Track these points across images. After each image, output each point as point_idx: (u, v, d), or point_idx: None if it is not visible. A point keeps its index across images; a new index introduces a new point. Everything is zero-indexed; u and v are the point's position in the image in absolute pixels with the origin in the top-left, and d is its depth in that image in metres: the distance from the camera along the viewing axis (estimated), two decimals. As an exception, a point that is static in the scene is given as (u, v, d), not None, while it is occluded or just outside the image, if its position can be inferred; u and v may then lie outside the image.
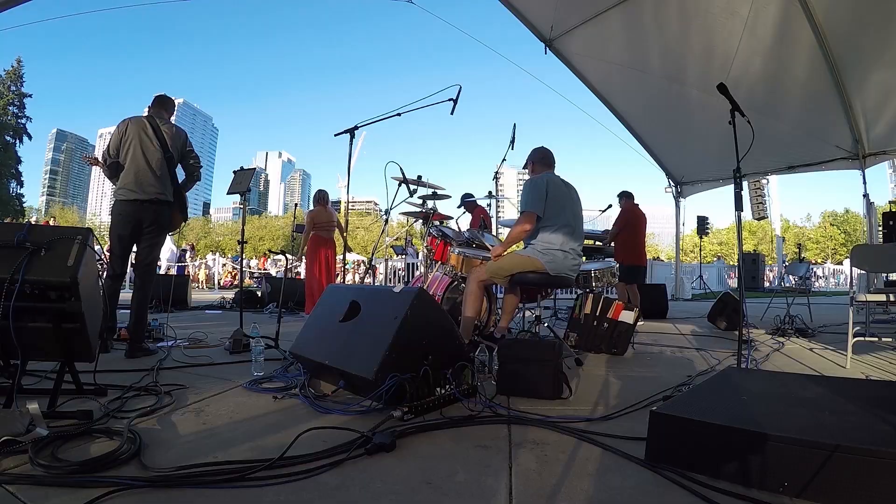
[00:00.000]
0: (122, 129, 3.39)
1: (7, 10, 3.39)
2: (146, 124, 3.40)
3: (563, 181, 3.38)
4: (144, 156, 3.34)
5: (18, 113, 38.25)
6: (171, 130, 3.49)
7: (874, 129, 6.59)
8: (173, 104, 3.70)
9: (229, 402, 2.19)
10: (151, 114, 3.51)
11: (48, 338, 1.89)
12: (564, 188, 3.34)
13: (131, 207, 3.31)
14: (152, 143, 3.38)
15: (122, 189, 3.33)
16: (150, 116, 3.47)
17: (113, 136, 3.42)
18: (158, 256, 3.62)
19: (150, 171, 3.34)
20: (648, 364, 3.33)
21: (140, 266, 3.43)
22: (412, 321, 2.14)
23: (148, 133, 3.38)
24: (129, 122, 3.41)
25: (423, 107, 3.48)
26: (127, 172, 3.33)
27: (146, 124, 3.40)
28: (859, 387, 2.11)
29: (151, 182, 3.34)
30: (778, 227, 26.21)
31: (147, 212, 3.34)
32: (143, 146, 3.35)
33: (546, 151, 3.52)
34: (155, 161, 3.37)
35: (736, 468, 1.38)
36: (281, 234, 53.11)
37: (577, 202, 3.37)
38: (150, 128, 3.40)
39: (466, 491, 1.36)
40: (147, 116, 3.48)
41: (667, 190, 10.00)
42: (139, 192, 3.31)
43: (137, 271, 3.44)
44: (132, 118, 3.44)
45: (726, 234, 53.31)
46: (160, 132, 3.41)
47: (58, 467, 1.39)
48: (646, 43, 6.26)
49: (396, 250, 12.43)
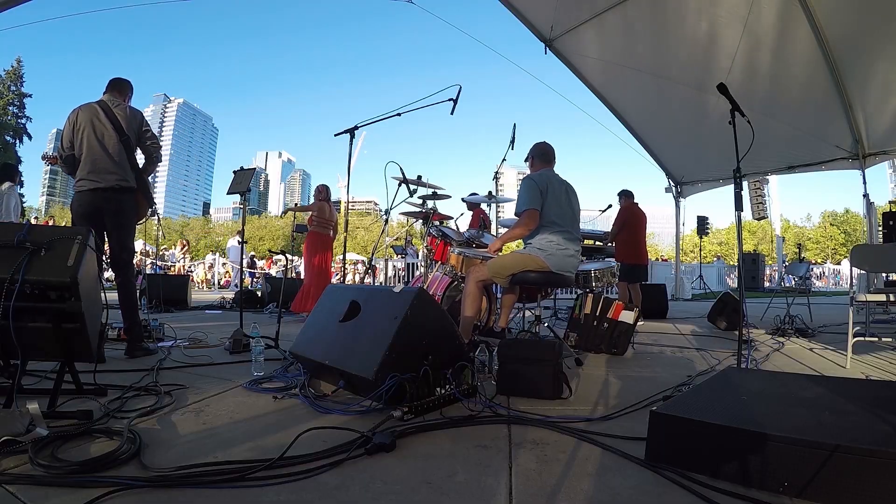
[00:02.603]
0: (72, 119, 3.20)
1: (7, 10, 3.40)
2: (97, 110, 3.20)
3: (560, 179, 3.37)
4: (100, 142, 3.16)
5: (18, 113, 38.20)
6: (125, 112, 3.28)
7: (874, 129, 6.59)
8: (130, 86, 3.45)
9: (229, 402, 2.19)
10: (104, 98, 3.29)
11: (48, 338, 1.89)
12: (562, 186, 3.33)
13: (90, 197, 3.14)
14: (106, 127, 3.18)
15: (81, 181, 3.15)
16: (101, 101, 3.26)
17: (65, 129, 3.21)
18: (133, 248, 3.43)
19: (108, 156, 3.16)
20: (648, 364, 3.33)
21: (116, 261, 3.26)
22: (412, 321, 2.14)
23: (100, 118, 3.18)
24: (79, 110, 3.22)
25: (423, 107, 3.49)
26: (84, 163, 3.16)
27: (97, 110, 3.20)
28: (859, 387, 2.11)
29: (110, 168, 3.16)
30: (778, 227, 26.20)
31: (108, 201, 3.15)
32: (97, 132, 3.17)
33: (546, 147, 3.50)
34: (111, 146, 3.17)
35: (736, 468, 1.38)
36: (281, 234, 53.09)
37: (574, 201, 3.37)
38: (102, 112, 3.20)
39: (466, 491, 1.36)
40: (98, 102, 3.27)
41: (667, 190, 10.01)
42: (98, 180, 3.14)
43: (115, 268, 3.29)
44: (82, 106, 3.24)
45: (726, 234, 53.32)
46: (113, 115, 3.20)
47: (58, 467, 1.39)
48: (646, 43, 6.26)
49: (396, 250, 12.43)
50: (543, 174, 3.33)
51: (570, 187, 3.40)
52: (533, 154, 3.50)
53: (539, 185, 3.21)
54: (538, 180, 3.25)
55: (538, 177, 3.30)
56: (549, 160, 3.47)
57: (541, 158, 3.47)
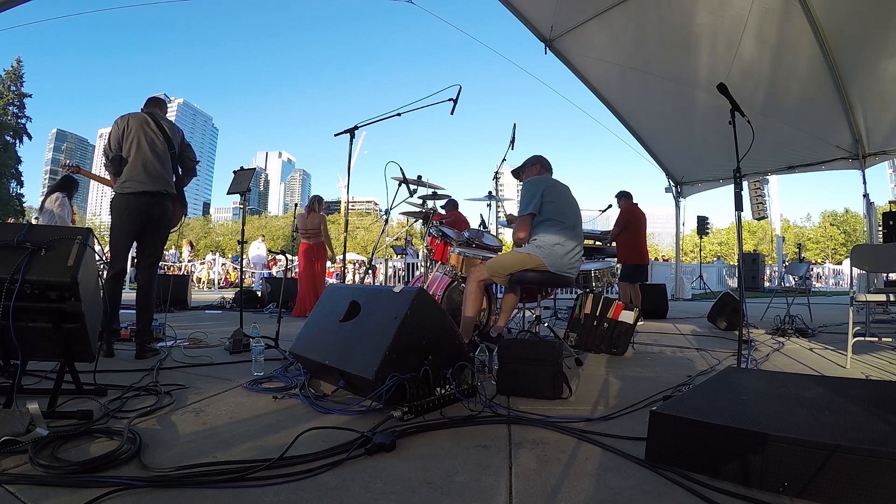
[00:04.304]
0: (122, 125, 3.33)
1: (7, 10, 3.40)
2: (147, 119, 3.38)
3: (561, 183, 3.40)
4: (151, 148, 3.31)
5: (18, 113, 38.21)
6: (171, 125, 3.49)
7: (874, 128, 6.59)
8: (166, 105, 3.72)
9: (229, 402, 2.19)
10: (152, 111, 3.48)
11: (48, 338, 1.89)
12: (564, 188, 3.36)
13: (139, 200, 3.24)
14: (156, 136, 3.36)
15: (130, 181, 3.24)
16: (149, 112, 3.45)
17: (112, 132, 3.35)
18: (162, 253, 3.59)
19: (158, 162, 3.33)
20: (648, 364, 3.33)
21: (145, 264, 3.36)
22: (412, 321, 2.14)
23: (151, 127, 3.36)
24: (129, 117, 3.37)
25: (423, 107, 3.50)
26: (134, 164, 3.26)
27: (147, 119, 3.38)
28: (859, 387, 2.10)
29: (160, 173, 3.33)
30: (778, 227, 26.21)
31: (156, 205, 3.31)
32: (148, 139, 3.33)
33: (544, 158, 3.58)
34: (160, 153, 3.35)
35: (736, 468, 1.38)
36: (281, 234, 53.14)
37: (575, 203, 3.39)
38: (152, 122, 3.38)
39: (466, 491, 1.36)
40: (146, 111, 3.45)
41: (667, 190, 10.01)
42: (149, 182, 3.27)
43: (142, 270, 3.36)
44: (131, 114, 3.40)
45: (726, 234, 53.34)
46: (162, 126, 3.40)
47: (58, 467, 1.39)
48: (646, 43, 6.26)
49: (396, 250, 12.42)
50: (544, 177, 3.36)
51: (569, 189, 3.42)
52: (538, 162, 3.54)
53: (540, 186, 3.24)
54: (539, 181, 3.29)
55: (540, 178, 3.34)
56: (549, 169, 3.55)
57: (544, 166, 3.53)
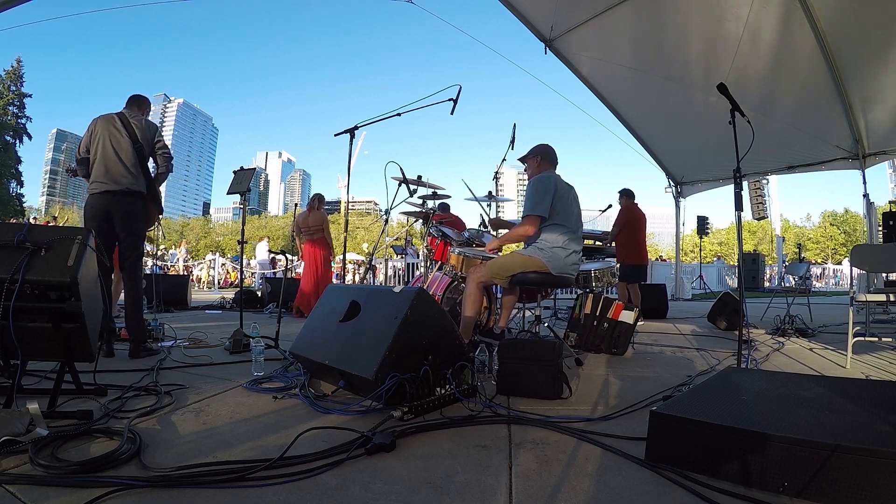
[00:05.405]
0: (91, 127, 3.41)
1: (7, 10, 3.40)
2: (115, 119, 3.41)
3: (564, 182, 3.36)
4: (113, 148, 3.34)
5: (18, 113, 38.22)
6: (141, 123, 3.48)
7: (874, 128, 6.59)
8: (148, 102, 3.73)
9: (229, 402, 2.19)
10: (123, 111, 3.51)
11: (48, 338, 1.89)
12: (567, 189, 3.31)
13: (102, 200, 3.29)
14: (121, 134, 3.37)
15: (94, 183, 3.32)
16: (119, 113, 3.48)
17: (84, 136, 3.44)
18: (141, 251, 3.57)
19: (120, 162, 3.33)
20: (648, 364, 3.33)
21: (125, 263, 3.38)
22: (412, 321, 2.14)
23: (116, 126, 3.38)
24: (98, 119, 3.43)
25: (423, 107, 3.50)
26: (97, 166, 3.33)
27: (115, 119, 3.41)
28: (859, 387, 2.10)
29: (122, 173, 3.32)
30: (778, 227, 26.18)
31: (119, 203, 3.30)
32: (112, 139, 3.35)
33: (552, 149, 3.46)
34: (125, 153, 3.35)
35: (736, 468, 1.38)
36: (281, 233, 53.11)
37: (577, 203, 3.37)
38: (119, 121, 3.40)
39: (466, 491, 1.36)
40: (117, 113, 3.48)
41: (667, 190, 10.01)
42: (109, 182, 3.29)
43: (124, 270, 3.40)
44: (101, 116, 3.45)
45: (726, 234, 53.36)
46: (129, 125, 3.41)
47: (58, 467, 1.39)
48: (645, 43, 6.26)
49: (396, 250, 12.42)
50: (550, 175, 3.30)
51: (573, 189, 3.39)
52: (540, 154, 3.42)
53: (550, 185, 3.16)
54: (547, 180, 3.20)
55: (547, 177, 3.25)
56: (554, 162, 3.43)
57: (548, 159, 3.41)
